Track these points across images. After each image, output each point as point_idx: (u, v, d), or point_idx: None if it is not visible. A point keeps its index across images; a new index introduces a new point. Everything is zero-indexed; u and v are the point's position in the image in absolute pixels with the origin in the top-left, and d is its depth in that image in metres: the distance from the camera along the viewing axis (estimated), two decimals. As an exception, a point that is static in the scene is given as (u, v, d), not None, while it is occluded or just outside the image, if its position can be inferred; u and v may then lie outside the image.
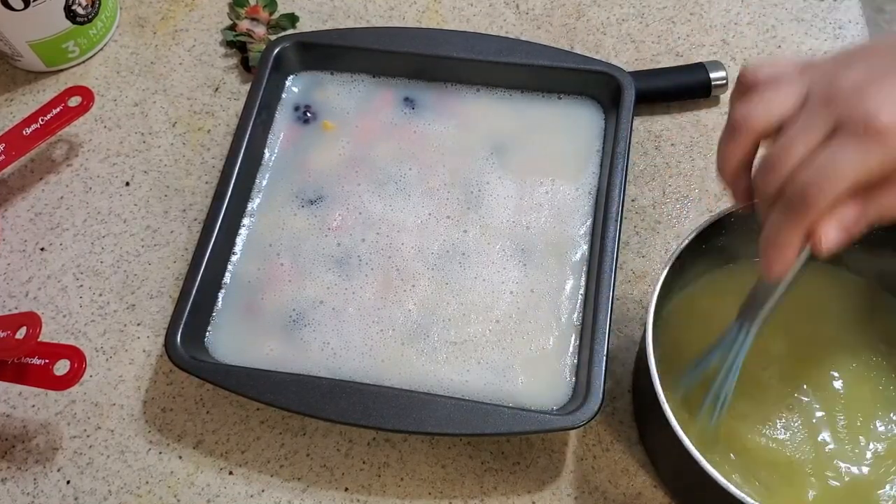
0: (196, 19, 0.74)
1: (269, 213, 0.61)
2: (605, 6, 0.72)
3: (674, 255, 0.49)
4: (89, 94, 0.65)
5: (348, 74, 0.67)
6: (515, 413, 0.51)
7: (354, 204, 0.61)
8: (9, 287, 0.63)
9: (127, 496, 0.55)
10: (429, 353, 0.56)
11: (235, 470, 0.56)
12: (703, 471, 0.43)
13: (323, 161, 0.63)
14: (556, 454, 0.55)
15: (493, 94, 0.65)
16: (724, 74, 0.65)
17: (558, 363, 0.55)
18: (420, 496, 0.54)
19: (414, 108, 0.65)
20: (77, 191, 0.66)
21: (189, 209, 0.65)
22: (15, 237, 0.65)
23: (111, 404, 0.58)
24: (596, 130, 0.63)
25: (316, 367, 0.56)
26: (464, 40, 0.65)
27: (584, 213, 0.60)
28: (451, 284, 0.58)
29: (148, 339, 0.60)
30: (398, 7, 0.73)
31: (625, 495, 0.53)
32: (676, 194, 0.63)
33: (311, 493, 0.54)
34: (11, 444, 0.57)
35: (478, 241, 0.59)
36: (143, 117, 0.70)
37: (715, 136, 0.65)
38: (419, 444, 0.56)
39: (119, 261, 0.63)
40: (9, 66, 0.73)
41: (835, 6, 0.71)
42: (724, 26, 0.70)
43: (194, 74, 0.71)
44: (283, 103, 0.66)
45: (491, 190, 0.61)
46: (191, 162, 0.67)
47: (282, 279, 0.59)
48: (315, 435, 0.56)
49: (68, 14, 0.68)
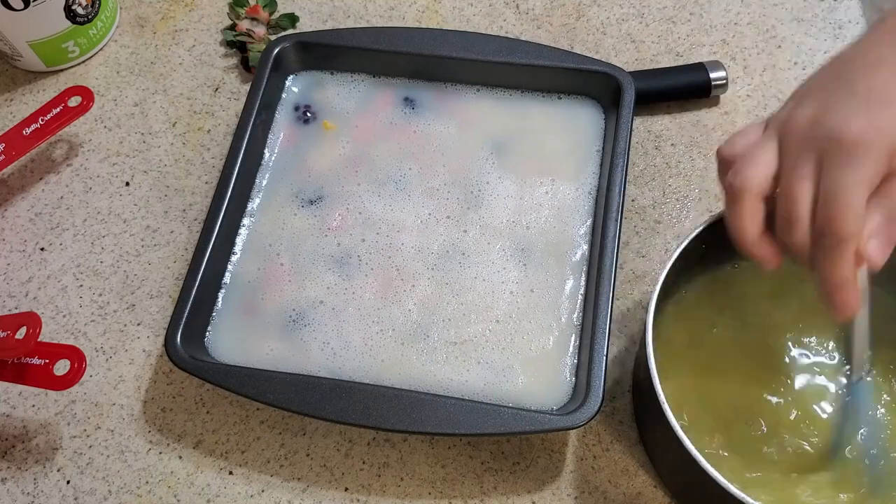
0: (196, 19, 0.74)
1: (269, 213, 0.61)
2: (605, 6, 0.72)
3: (674, 256, 0.49)
4: (89, 94, 0.65)
5: (348, 74, 0.67)
6: (515, 413, 0.51)
7: (354, 204, 0.61)
8: (9, 287, 0.63)
9: (127, 496, 0.55)
10: (428, 353, 0.56)
11: (235, 470, 0.56)
12: (703, 471, 0.43)
13: (323, 161, 0.63)
14: (556, 454, 0.55)
15: (493, 94, 0.65)
16: (724, 74, 0.65)
17: (558, 363, 0.55)
18: (420, 496, 0.54)
19: (414, 108, 0.65)
20: (77, 191, 0.66)
21: (189, 209, 0.65)
22: (15, 237, 0.65)
23: (111, 404, 0.58)
24: (596, 130, 0.63)
25: (316, 367, 0.56)
26: (464, 40, 0.65)
27: (584, 213, 0.60)
28: (451, 284, 0.58)
29: (148, 339, 0.60)
30: (398, 7, 0.73)
31: (625, 495, 0.53)
32: (676, 194, 0.63)
33: (311, 493, 0.55)
34: (11, 444, 0.57)
35: (478, 241, 0.59)
36: (143, 117, 0.70)
37: (715, 136, 0.65)
38: (419, 444, 0.56)
39: (119, 261, 0.63)
40: (9, 66, 0.73)
41: (835, 6, 0.71)
42: (724, 26, 0.70)
43: (194, 74, 0.71)
44: (283, 103, 0.66)
45: (491, 190, 0.61)
46: (191, 162, 0.67)
47: (282, 279, 0.59)
48: (315, 435, 0.56)
49: (68, 14, 0.68)
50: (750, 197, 0.42)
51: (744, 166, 0.42)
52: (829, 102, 0.40)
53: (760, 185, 0.41)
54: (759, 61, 0.68)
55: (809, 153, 0.40)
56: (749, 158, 0.42)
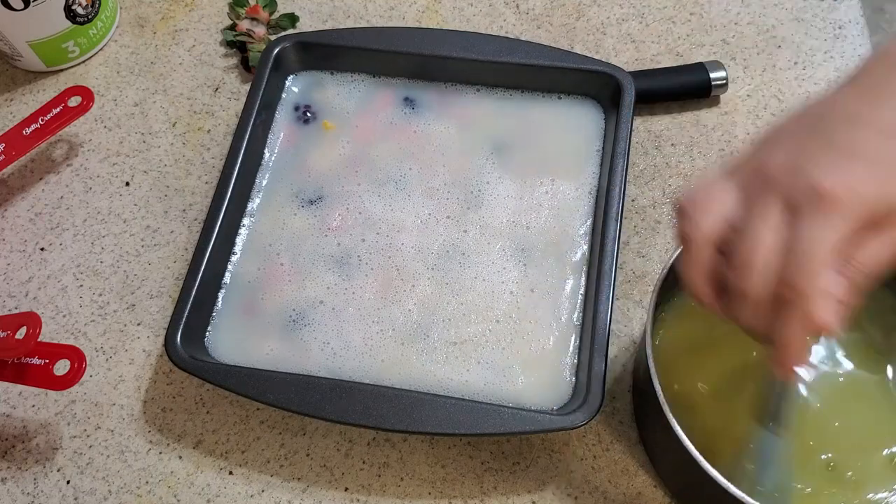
0: (196, 19, 0.74)
1: (269, 213, 0.61)
2: (605, 6, 0.72)
3: (674, 256, 0.49)
4: (89, 94, 0.65)
5: (348, 74, 0.67)
6: (515, 413, 0.51)
7: (354, 204, 0.61)
8: (9, 287, 0.63)
9: (127, 496, 0.55)
10: (428, 353, 0.56)
11: (235, 470, 0.56)
12: (703, 471, 0.43)
13: (323, 161, 0.63)
14: (556, 454, 0.55)
15: (493, 94, 0.65)
16: (724, 74, 0.65)
17: (558, 363, 0.55)
18: (420, 496, 0.54)
19: (414, 108, 0.65)
20: (77, 191, 0.66)
21: (189, 209, 0.65)
22: (15, 237, 0.65)
23: (111, 404, 0.58)
24: (596, 130, 0.63)
25: (316, 367, 0.56)
26: (464, 40, 0.65)
27: (584, 213, 0.60)
28: (451, 284, 0.58)
29: (148, 339, 0.60)
30: (398, 7, 0.73)
31: (625, 495, 0.53)
32: (676, 194, 0.63)
33: (311, 493, 0.55)
34: (11, 444, 0.57)
35: (478, 241, 0.59)
36: (143, 117, 0.70)
37: (715, 135, 0.65)
38: (419, 444, 0.56)
39: (119, 261, 0.63)
40: (9, 66, 0.73)
41: (835, 6, 0.71)
42: (724, 26, 0.70)
43: (194, 74, 0.71)
44: (283, 103, 0.66)
45: (491, 190, 0.61)
46: (191, 162, 0.67)
47: (282, 279, 0.59)
48: (315, 435, 0.56)
49: (68, 14, 0.68)
50: (697, 245, 0.40)
51: (695, 212, 0.40)
52: (808, 152, 0.38)
53: (711, 232, 0.39)
54: (759, 61, 0.68)
55: (777, 201, 0.37)
56: (702, 204, 0.40)
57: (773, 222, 0.37)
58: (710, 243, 0.40)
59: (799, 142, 0.39)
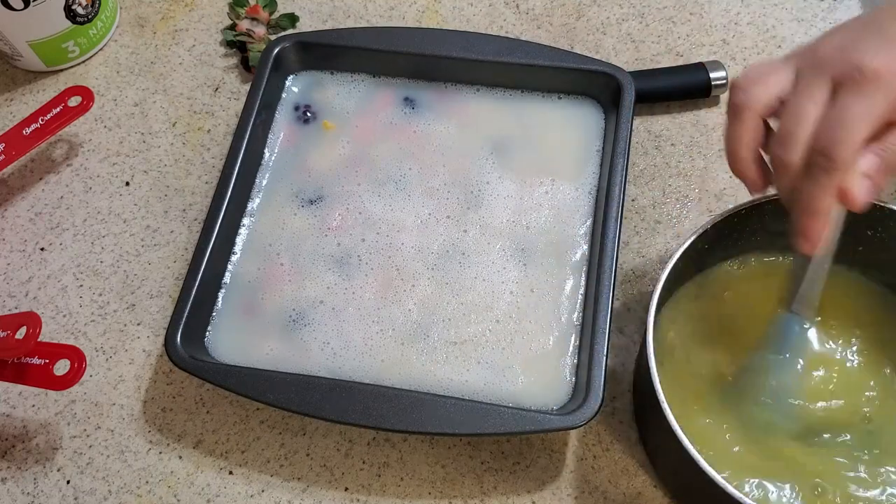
0: (196, 19, 0.74)
1: (269, 213, 0.61)
2: (605, 6, 0.72)
3: (674, 256, 0.49)
4: (89, 94, 0.65)
5: (348, 74, 0.67)
6: (515, 413, 0.51)
7: (354, 204, 0.61)
8: (9, 287, 0.63)
9: (127, 496, 0.55)
10: (428, 352, 0.56)
11: (235, 470, 0.56)
12: (703, 471, 0.43)
13: (323, 161, 0.63)
14: (556, 454, 0.55)
15: (493, 94, 0.65)
16: (724, 74, 0.65)
17: (558, 363, 0.55)
18: (420, 496, 0.54)
19: (414, 108, 0.65)
20: (77, 191, 0.67)
21: (189, 209, 0.65)
22: (15, 237, 0.65)
23: (111, 404, 0.58)
24: (596, 130, 0.63)
25: (316, 367, 0.56)
26: (464, 40, 0.65)
27: (584, 213, 0.60)
28: (451, 284, 0.58)
29: (148, 339, 0.60)
30: (398, 7, 0.73)
31: (625, 495, 0.53)
32: (676, 194, 0.63)
33: (311, 493, 0.55)
34: (11, 444, 0.57)
35: (478, 241, 0.59)
36: (143, 117, 0.70)
37: (715, 136, 0.65)
38: (419, 444, 0.56)
39: (119, 261, 0.63)
40: (9, 66, 0.73)
41: (835, 6, 0.71)
42: (724, 26, 0.70)
43: (194, 74, 0.71)
44: (283, 103, 0.66)
45: (491, 190, 0.61)
46: (191, 162, 0.67)
47: (282, 279, 0.59)
48: (315, 435, 0.56)
49: (68, 14, 0.68)
50: (749, 115, 0.42)
51: (750, 84, 0.42)
52: (859, 37, 0.41)
53: (763, 104, 0.42)
54: (759, 61, 0.68)
55: (825, 78, 0.40)
56: (758, 78, 0.42)
57: (819, 97, 0.40)
58: (758, 115, 0.42)
59: (852, 31, 0.42)
